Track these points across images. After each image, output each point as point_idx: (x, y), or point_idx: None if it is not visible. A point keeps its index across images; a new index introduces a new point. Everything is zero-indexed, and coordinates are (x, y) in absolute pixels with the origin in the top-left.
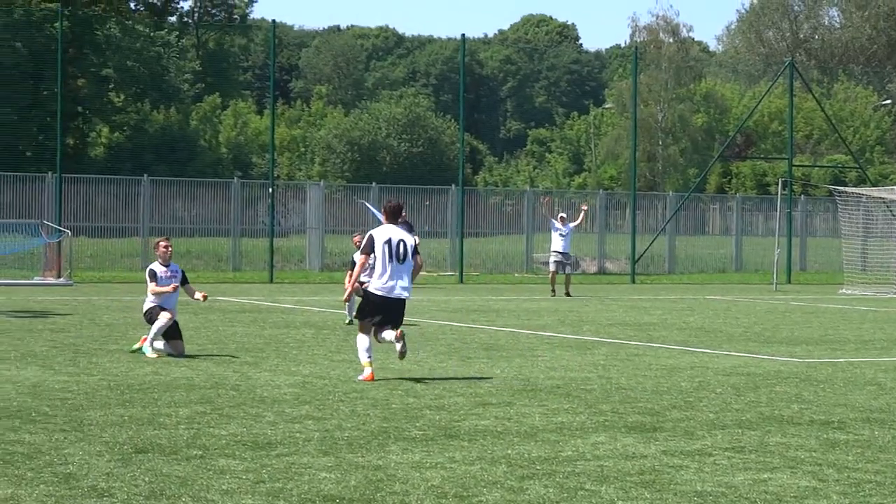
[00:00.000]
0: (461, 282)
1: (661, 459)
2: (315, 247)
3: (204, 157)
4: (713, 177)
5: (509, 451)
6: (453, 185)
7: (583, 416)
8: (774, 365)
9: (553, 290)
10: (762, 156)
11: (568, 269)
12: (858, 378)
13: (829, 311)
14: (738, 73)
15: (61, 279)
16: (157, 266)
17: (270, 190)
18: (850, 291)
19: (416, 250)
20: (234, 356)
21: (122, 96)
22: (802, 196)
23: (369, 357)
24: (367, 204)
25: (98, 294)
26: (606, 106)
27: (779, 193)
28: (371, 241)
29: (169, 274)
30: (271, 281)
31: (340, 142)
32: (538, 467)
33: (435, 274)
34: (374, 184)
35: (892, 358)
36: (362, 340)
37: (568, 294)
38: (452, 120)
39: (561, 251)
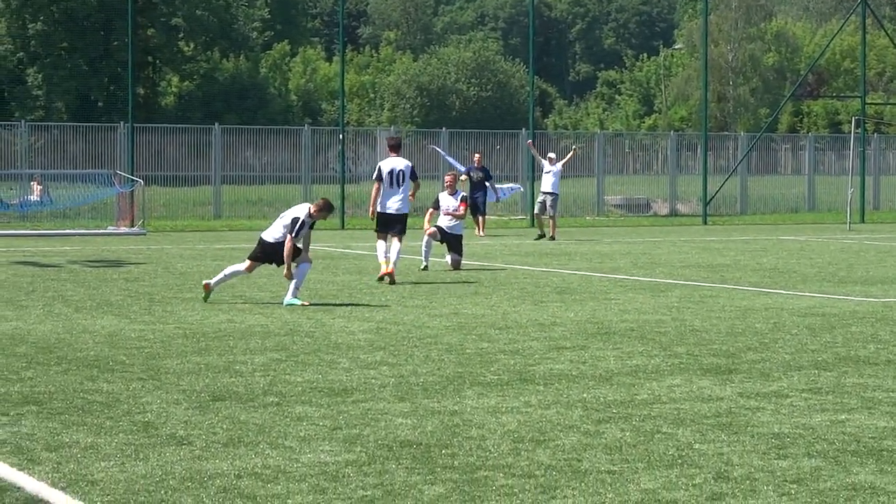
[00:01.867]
0: (532, 225)
1: (737, 401)
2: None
3: (274, 104)
4: (785, 116)
5: (585, 395)
6: (523, 129)
7: (657, 358)
8: (849, 305)
9: (542, 233)
10: (834, 94)
11: (551, 211)
12: None
13: None
14: (808, 12)
15: (134, 228)
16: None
17: (341, 136)
18: None
19: (412, 174)
20: (307, 303)
21: (192, 45)
22: (875, 134)
23: (385, 257)
24: (437, 149)
25: (171, 243)
26: (676, 47)
27: (852, 132)
28: (379, 170)
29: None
30: (343, 227)
31: (409, 87)
32: (614, 411)
33: (506, 218)
34: (443, 129)
35: None
36: (378, 245)
37: (552, 238)
38: (521, 63)
39: (548, 191)
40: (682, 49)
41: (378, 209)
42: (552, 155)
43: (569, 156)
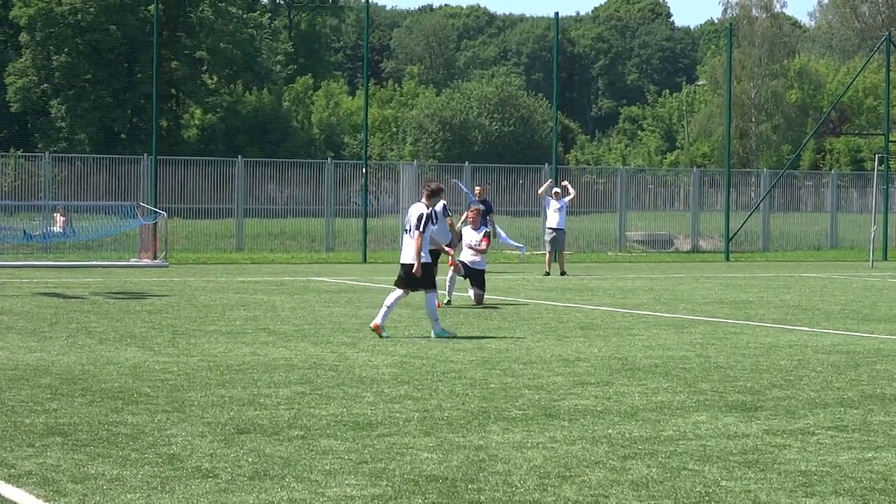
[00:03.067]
0: (555, 260)
1: (763, 438)
2: None
3: (296, 137)
4: (807, 153)
5: (610, 431)
6: (546, 164)
7: (682, 395)
8: (874, 343)
9: (548, 271)
10: (857, 132)
11: (561, 246)
12: None
13: None
14: (832, 49)
15: (157, 260)
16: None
17: (364, 170)
18: None
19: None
20: (331, 337)
21: (216, 78)
22: None
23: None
24: (459, 184)
25: (193, 275)
26: (699, 83)
27: (875, 169)
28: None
29: None
30: (365, 261)
31: (432, 121)
32: (640, 447)
33: (529, 253)
34: (466, 163)
35: None
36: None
37: (563, 273)
38: (544, 98)
39: (555, 227)
40: (705, 85)
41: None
42: (558, 190)
43: (569, 197)
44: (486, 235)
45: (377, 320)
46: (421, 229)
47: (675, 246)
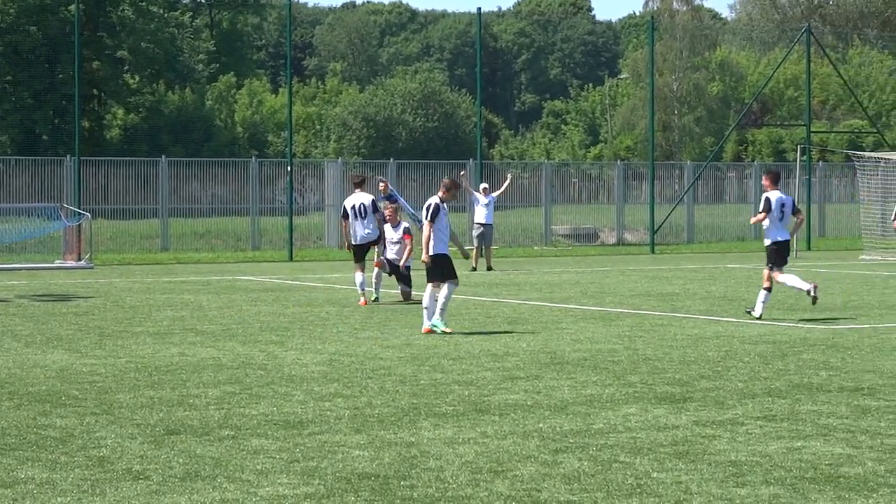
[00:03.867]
0: (481, 255)
1: (693, 430)
2: (334, 224)
3: (220, 136)
4: (730, 145)
5: (541, 425)
6: (470, 160)
7: (612, 388)
8: (800, 332)
9: (474, 266)
10: (778, 123)
11: (488, 241)
12: (885, 344)
13: (850, 277)
14: (752, 41)
15: (82, 262)
16: None
17: (289, 168)
18: (870, 257)
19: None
20: (259, 335)
21: (138, 78)
22: (820, 162)
23: (361, 290)
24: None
25: (119, 276)
26: (621, 76)
27: (797, 160)
28: (344, 208)
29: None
30: (291, 259)
31: (356, 118)
32: (571, 440)
33: (454, 249)
34: (391, 160)
35: None
36: (356, 277)
37: (490, 268)
38: (467, 94)
39: (483, 222)
40: (627, 79)
41: (351, 241)
42: (485, 185)
43: (505, 184)
44: (407, 232)
45: (426, 324)
46: (430, 219)
47: (600, 239)
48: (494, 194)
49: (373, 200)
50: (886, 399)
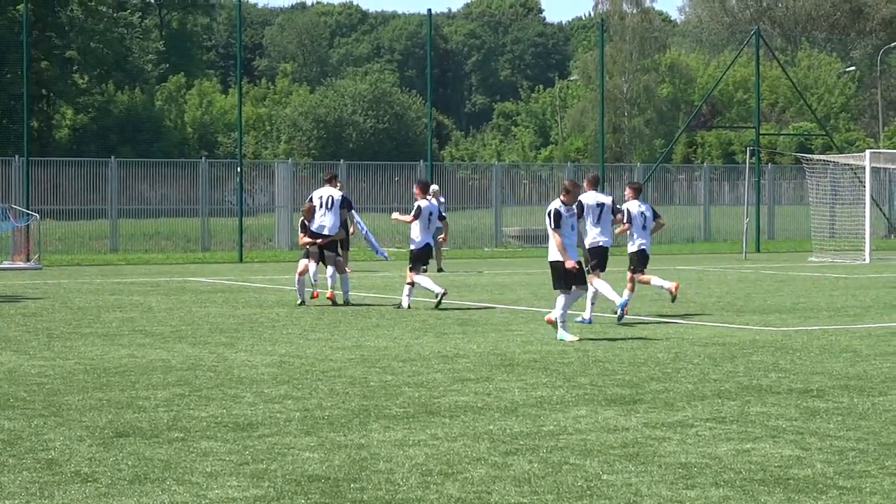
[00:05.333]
0: (431, 257)
1: (643, 432)
2: (283, 225)
3: (170, 137)
4: (679, 147)
5: (491, 427)
6: (421, 161)
7: (562, 389)
8: (749, 334)
9: (425, 268)
10: (728, 125)
11: (438, 243)
12: (834, 346)
13: (799, 279)
14: (702, 43)
15: (30, 263)
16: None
17: (238, 169)
18: (819, 259)
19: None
20: (208, 337)
21: (86, 78)
22: (769, 164)
23: (314, 281)
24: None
25: (68, 277)
26: (571, 78)
27: (746, 162)
28: (311, 198)
29: None
30: (241, 261)
31: (306, 119)
32: (521, 442)
33: (405, 250)
34: (341, 161)
35: (865, 325)
36: (309, 266)
37: (440, 269)
38: (418, 95)
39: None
40: (578, 80)
41: (313, 229)
42: (436, 187)
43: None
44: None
45: (566, 337)
46: (557, 226)
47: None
48: (441, 198)
49: (343, 196)
50: (835, 401)
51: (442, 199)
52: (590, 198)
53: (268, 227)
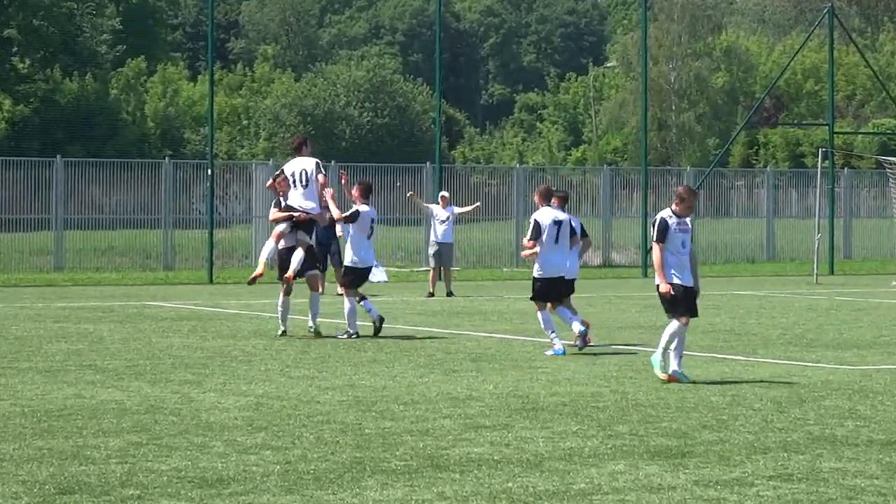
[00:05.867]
0: (440, 278)
1: (693, 491)
2: (263, 239)
3: (127, 133)
4: (737, 148)
5: (510, 485)
6: (428, 163)
7: (595, 439)
8: (821, 374)
9: (432, 291)
10: (796, 121)
11: (447, 262)
12: None
13: (882, 307)
14: (765, 24)
15: None
16: None
17: (209, 171)
18: None
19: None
20: (171, 374)
21: (28, 62)
22: (845, 169)
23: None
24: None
25: (2, 301)
26: (608, 65)
27: (818, 166)
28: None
29: None
30: (211, 281)
31: (291, 112)
32: (546, 503)
33: (408, 270)
34: (332, 162)
35: None
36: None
37: (450, 293)
38: (424, 84)
39: (441, 241)
40: (616, 68)
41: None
42: (445, 194)
43: (468, 208)
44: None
45: (667, 369)
46: (657, 239)
47: (582, 260)
48: (457, 209)
49: (317, 163)
50: None
51: (456, 209)
52: (545, 216)
53: (243, 242)
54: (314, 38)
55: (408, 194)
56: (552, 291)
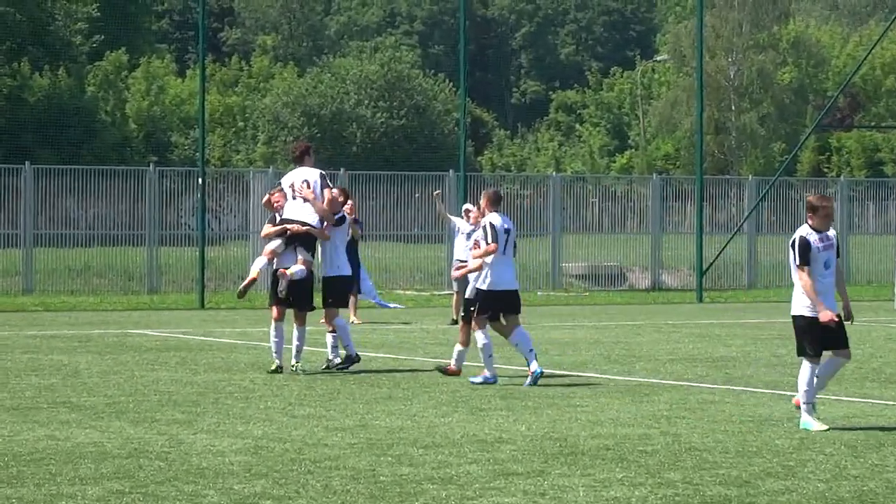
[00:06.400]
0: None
1: None
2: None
3: (106, 135)
4: (807, 154)
5: None
6: (451, 171)
7: (644, 488)
8: None
9: (455, 318)
10: (874, 124)
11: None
12: None
13: None
14: (838, 11)
15: None
16: None
17: (200, 180)
18: None
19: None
20: (157, 412)
21: None
22: None
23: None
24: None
25: None
26: (658, 59)
27: None
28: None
29: None
30: (202, 306)
31: (293, 113)
32: None
33: (428, 293)
34: (342, 170)
35: None
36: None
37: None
38: (447, 80)
39: (464, 260)
40: (667, 62)
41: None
42: (469, 207)
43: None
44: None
45: (811, 425)
46: (800, 262)
47: (629, 282)
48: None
49: (323, 175)
50: None
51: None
52: (498, 221)
53: (239, 261)
54: (320, 27)
55: (434, 193)
56: (500, 306)
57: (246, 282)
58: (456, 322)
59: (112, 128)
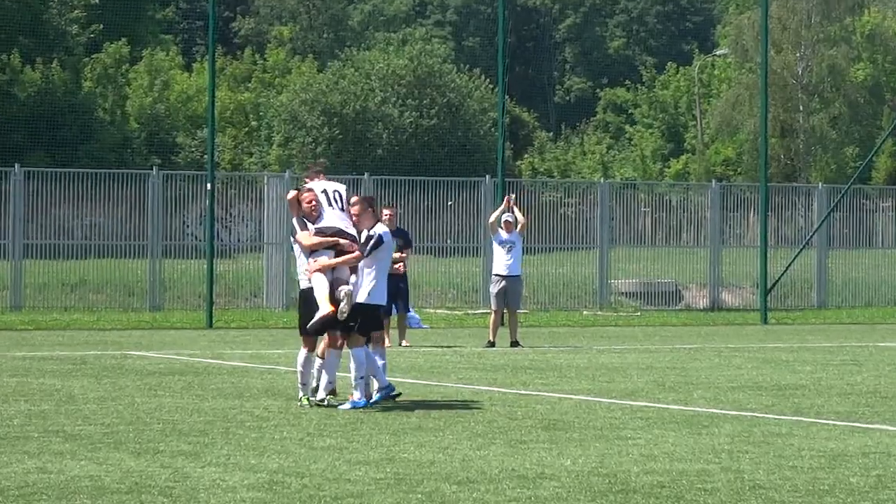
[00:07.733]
0: (503, 324)
1: None
2: (277, 272)
3: (104, 135)
4: (883, 160)
5: None
6: (487, 177)
7: None
8: None
9: (492, 340)
10: None
11: (513, 303)
12: None
13: None
14: None
15: None
16: None
17: (209, 186)
18: None
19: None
20: (160, 443)
21: None
22: None
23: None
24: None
25: None
26: (718, 53)
27: None
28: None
29: None
30: (210, 326)
31: (312, 111)
32: None
33: (462, 312)
34: (365, 175)
35: None
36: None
37: (515, 343)
38: (483, 76)
39: (505, 274)
40: (728, 57)
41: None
42: (509, 218)
43: (520, 224)
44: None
45: None
46: None
47: (685, 301)
48: (520, 217)
49: (347, 191)
50: None
51: (519, 217)
52: (383, 230)
53: (252, 276)
54: (342, 18)
55: (509, 197)
56: (378, 322)
57: (322, 315)
58: (493, 344)
59: (111, 127)
